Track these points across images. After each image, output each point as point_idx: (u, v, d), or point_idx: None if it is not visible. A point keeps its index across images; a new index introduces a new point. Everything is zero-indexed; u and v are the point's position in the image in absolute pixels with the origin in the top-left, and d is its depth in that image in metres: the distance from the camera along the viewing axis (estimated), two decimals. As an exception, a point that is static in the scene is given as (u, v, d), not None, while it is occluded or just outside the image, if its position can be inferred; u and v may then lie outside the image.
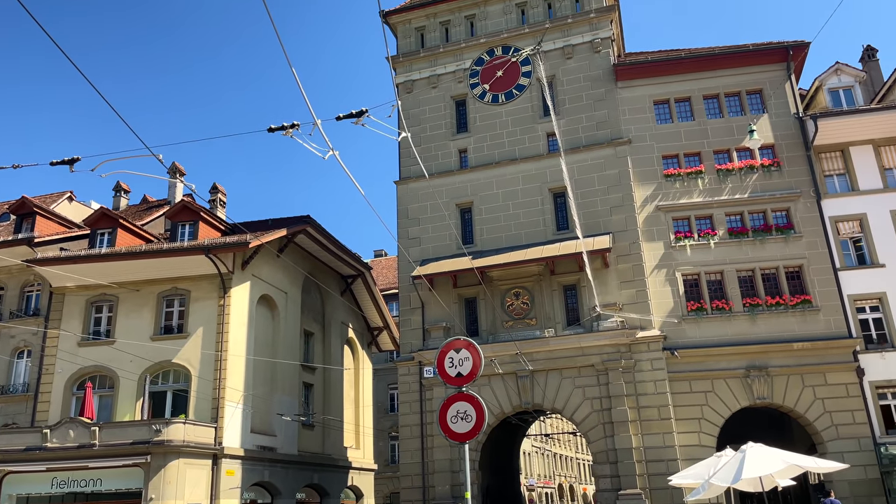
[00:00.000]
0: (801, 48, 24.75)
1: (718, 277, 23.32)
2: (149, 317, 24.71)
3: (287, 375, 26.98)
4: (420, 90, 27.98)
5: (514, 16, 27.78)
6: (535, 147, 25.90)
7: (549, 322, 23.62)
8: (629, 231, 23.86)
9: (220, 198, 32.97)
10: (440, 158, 26.85)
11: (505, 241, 25.01)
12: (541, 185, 25.31)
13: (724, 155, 24.57)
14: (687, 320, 22.81)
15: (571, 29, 26.72)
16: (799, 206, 23.39)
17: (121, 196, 35.06)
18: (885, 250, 22.60)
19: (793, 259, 22.93)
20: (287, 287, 28.01)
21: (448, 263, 24.53)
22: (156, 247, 25.03)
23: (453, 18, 28.50)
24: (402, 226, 26.53)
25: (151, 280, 24.89)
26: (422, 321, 25.07)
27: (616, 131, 25.18)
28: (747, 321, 22.53)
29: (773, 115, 24.53)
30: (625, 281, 23.41)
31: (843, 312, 22.11)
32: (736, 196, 23.83)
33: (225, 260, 24.25)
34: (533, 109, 26.37)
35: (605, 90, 25.74)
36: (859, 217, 23.12)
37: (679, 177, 24.35)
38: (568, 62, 26.52)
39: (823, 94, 25.18)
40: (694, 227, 23.83)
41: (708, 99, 25.33)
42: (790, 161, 23.92)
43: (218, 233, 27.14)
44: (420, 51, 28.30)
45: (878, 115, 23.42)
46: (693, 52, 26.01)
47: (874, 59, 27.49)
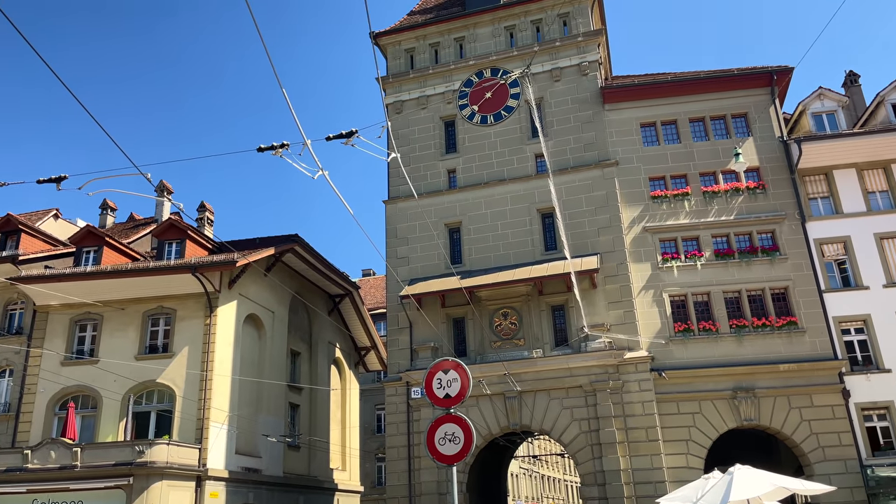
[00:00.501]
0: (785, 73, 25.18)
1: (705, 299, 23.44)
2: (134, 336, 24.46)
3: (273, 396, 26.73)
4: (409, 111, 28.14)
5: (503, 39, 28.09)
6: (523, 168, 26.06)
7: (538, 342, 23.61)
8: (617, 252, 23.98)
9: (208, 216, 32.83)
10: (429, 178, 26.94)
11: (493, 261, 25.06)
12: (529, 206, 25.44)
13: (710, 177, 24.83)
14: (674, 341, 22.88)
15: (559, 52, 27.04)
16: (784, 228, 23.63)
17: (107, 214, 34.82)
18: (869, 273, 22.83)
19: (778, 281, 23.11)
20: (274, 306, 27.86)
21: (436, 283, 24.52)
22: (142, 265, 24.84)
23: (442, 40, 28.77)
24: (390, 245, 26.52)
25: (137, 299, 24.67)
26: (410, 341, 24.98)
27: (603, 153, 25.41)
28: (734, 342, 22.63)
29: (757, 139, 24.86)
30: (612, 302, 23.48)
31: (829, 334, 22.27)
32: (722, 218, 24.04)
33: (212, 279, 24.10)
34: (521, 131, 26.58)
35: (593, 112, 26.01)
36: (843, 239, 23.38)
37: (666, 198, 24.56)
38: (556, 84, 26.80)
39: (807, 118, 25.57)
40: (681, 248, 23.99)
41: (694, 122, 25.65)
42: (775, 184, 24.20)
43: (205, 251, 27.00)
44: (410, 72, 28.51)
45: (861, 140, 23.79)
46: (679, 76, 26.38)
47: (856, 84, 28.00)
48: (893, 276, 22.76)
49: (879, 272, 22.79)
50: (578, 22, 27.28)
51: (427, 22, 28.95)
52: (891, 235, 23.23)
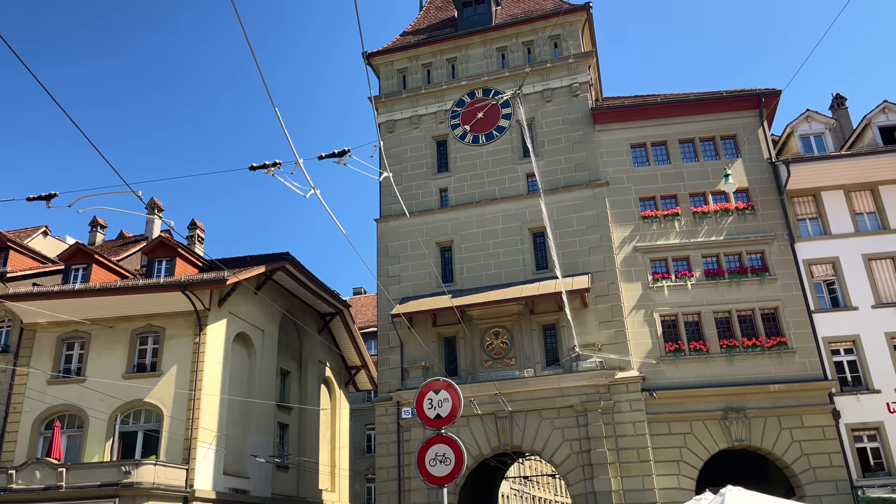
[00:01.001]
0: (773, 96, 25.50)
1: (696, 319, 23.50)
2: (121, 354, 24.23)
3: (262, 415, 26.49)
4: (402, 130, 28.27)
5: (495, 60, 28.34)
6: (514, 187, 26.18)
7: (529, 362, 23.55)
8: (607, 271, 24.04)
9: (199, 234, 32.73)
10: (421, 197, 27.00)
11: (485, 279, 25.06)
12: (520, 225, 25.51)
13: (699, 198, 25.00)
14: (665, 361, 22.88)
15: (550, 73, 27.29)
16: (773, 248, 23.78)
17: (97, 231, 34.67)
18: (858, 293, 22.97)
19: (768, 301, 23.21)
20: (264, 325, 27.70)
21: (427, 302, 24.47)
22: (131, 283, 24.70)
23: (435, 61, 29.00)
24: (381, 264, 26.49)
25: (126, 317, 24.48)
26: (400, 360, 24.87)
27: (594, 173, 25.56)
28: (724, 363, 22.65)
29: (746, 160, 25.10)
30: (603, 321, 23.50)
31: (818, 354, 22.34)
32: (712, 238, 24.18)
33: (201, 297, 23.97)
34: (513, 150, 26.73)
35: (584, 133, 26.21)
36: (832, 260, 23.55)
37: (656, 218, 24.70)
38: (547, 105, 27.01)
39: (795, 140, 25.85)
40: (671, 268, 24.09)
41: (683, 143, 25.88)
42: (764, 205, 24.40)
43: (195, 269, 26.87)
44: (402, 92, 28.67)
45: (848, 162, 24.07)
46: (668, 98, 26.65)
47: (843, 107, 28.38)
48: (882, 297, 22.91)
49: (868, 293, 22.93)
50: (569, 44, 27.58)
51: (420, 43, 29.19)
52: (879, 256, 23.42)
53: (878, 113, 25.31)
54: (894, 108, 25.28)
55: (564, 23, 27.65)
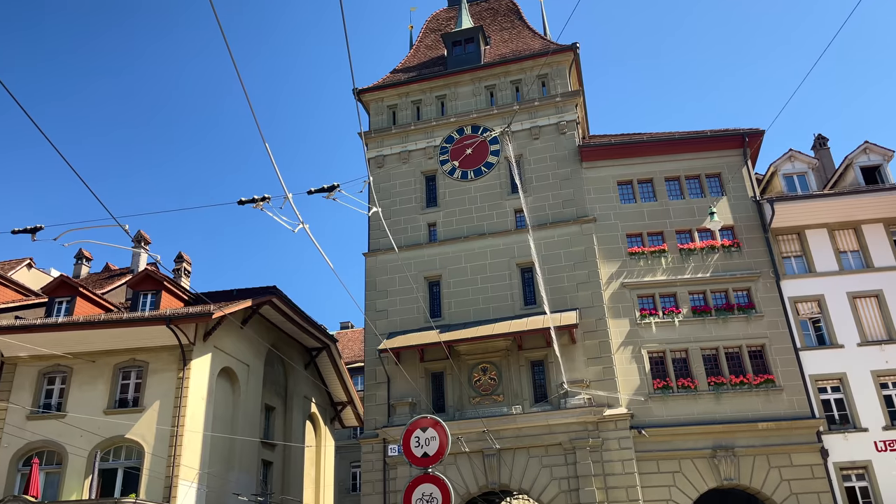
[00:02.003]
0: (757, 135, 25.96)
1: (683, 355, 23.50)
2: (103, 389, 23.80)
3: (245, 452, 26.01)
4: (391, 165, 28.46)
5: (484, 97, 28.73)
6: (503, 223, 26.31)
7: (517, 398, 23.38)
8: (595, 307, 24.07)
9: (185, 267, 32.52)
10: (409, 232, 27.06)
11: (473, 315, 24.99)
12: (509, 260, 25.57)
13: (686, 235, 25.22)
14: (653, 398, 22.79)
15: (538, 111, 27.68)
16: (759, 286, 23.94)
17: (82, 264, 34.37)
18: (844, 331, 23.10)
19: (755, 338, 23.27)
20: (249, 359, 27.38)
21: (415, 337, 24.33)
22: (115, 316, 24.40)
23: (424, 98, 29.35)
24: (369, 298, 26.39)
25: (109, 351, 24.11)
26: (387, 396, 24.61)
27: (581, 209, 25.77)
28: (713, 400, 22.60)
29: (731, 198, 25.42)
30: (591, 357, 23.44)
31: (806, 392, 22.35)
32: (698, 275, 24.33)
33: (186, 331, 23.70)
34: (501, 186, 26.93)
35: (571, 170, 26.48)
36: (817, 298, 23.72)
37: (643, 255, 24.85)
38: (535, 142, 27.33)
39: (779, 178, 26.24)
40: (658, 304, 24.16)
41: (669, 181, 26.20)
42: (749, 242, 24.63)
43: (181, 303, 26.63)
44: (392, 127, 28.94)
45: (831, 201, 24.42)
46: (654, 137, 27.05)
47: (825, 147, 28.89)
48: (867, 335, 23.05)
49: (853, 331, 23.07)
50: (556, 83, 28.04)
51: (410, 80, 29.58)
52: (863, 294, 23.62)
53: (860, 153, 25.80)
54: (875, 149, 25.79)
55: (552, 62, 28.15)
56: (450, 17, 33.87)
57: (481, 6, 34.01)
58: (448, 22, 33.57)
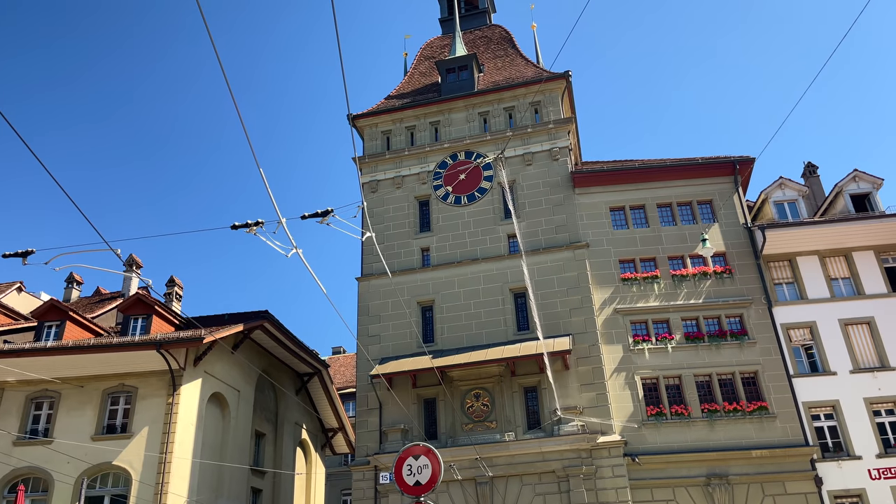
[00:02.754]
0: (747, 163, 26.21)
1: (677, 382, 23.43)
2: (91, 415, 23.49)
3: (234, 480, 25.64)
4: (385, 190, 28.54)
5: (477, 124, 28.96)
6: (496, 248, 26.35)
7: (510, 425, 23.20)
8: (589, 333, 24.03)
9: (177, 291, 32.34)
10: (402, 256, 27.06)
11: (466, 340, 24.90)
12: (502, 286, 25.56)
13: (678, 261, 25.30)
14: (647, 425, 22.66)
15: (531, 138, 27.90)
16: (751, 312, 23.98)
17: (73, 287, 34.14)
18: (836, 359, 23.10)
19: (748, 365, 23.25)
20: (240, 385, 27.12)
21: (408, 362, 24.20)
22: (105, 340, 24.16)
23: (418, 124, 29.56)
24: (362, 323, 26.28)
25: (98, 376, 23.84)
26: (379, 423, 24.39)
27: (574, 235, 25.85)
28: (706, 427, 22.49)
29: (723, 225, 25.56)
30: (585, 384, 23.33)
31: (799, 420, 22.27)
32: (691, 301, 24.36)
33: (177, 356, 23.49)
34: (494, 212, 27.03)
35: (564, 196, 26.63)
36: (809, 325, 23.76)
37: (636, 281, 24.90)
38: (528, 168, 27.50)
39: (769, 206, 26.44)
40: (651, 330, 24.14)
41: (661, 207, 26.35)
42: (741, 269, 24.73)
43: (172, 327, 26.43)
44: (386, 153, 29.09)
45: (822, 228, 24.59)
46: (646, 164, 27.26)
47: (815, 174, 29.17)
48: (859, 363, 23.06)
49: (846, 358, 23.08)
50: (549, 110, 28.31)
51: (404, 106, 29.81)
52: (855, 321, 23.68)
53: (849, 181, 26.05)
54: (864, 177, 26.05)
55: (545, 90, 28.44)
56: (444, 45, 34.26)
57: (475, 34, 34.45)
58: (442, 49, 33.95)
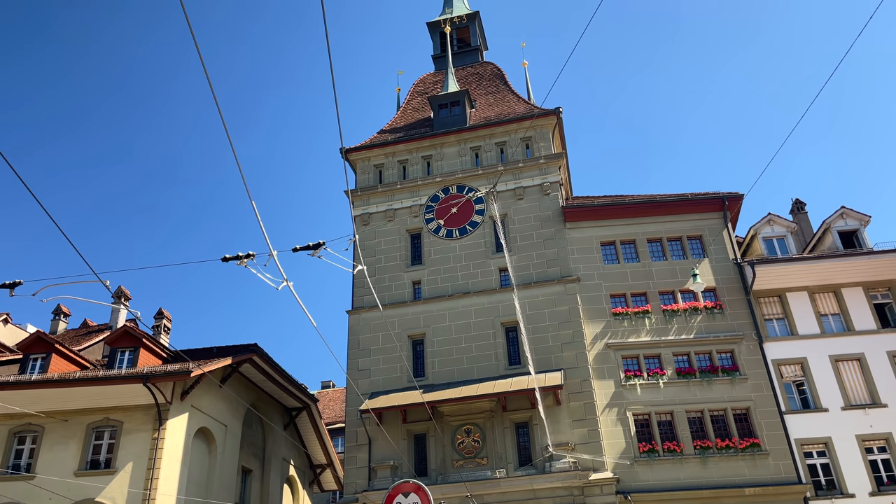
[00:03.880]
0: (736, 199, 26.46)
1: (669, 418, 23.27)
2: (75, 449, 23.01)
3: (220, 517, 25.05)
4: (377, 223, 28.59)
5: (469, 158, 29.19)
6: (487, 281, 26.34)
7: (501, 462, 22.91)
8: (580, 368, 23.91)
9: (165, 323, 32.06)
10: (394, 289, 26.98)
11: (457, 374, 24.71)
12: (493, 319, 25.48)
13: (669, 296, 25.34)
14: (639, 462, 22.42)
15: (522, 172, 28.13)
16: (742, 348, 23.96)
17: (59, 319, 33.78)
18: (828, 395, 23.03)
19: (740, 401, 23.14)
20: (227, 419, 26.70)
21: (398, 397, 23.95)
22: (91, 374, 23.80)
23: (411, 158, 29.77)
24: (352, 357, 26.06)
25: (82, 410, 23.42)
26: (368, 459, 24.02)
27: (566, 269, 25.90)
28: (699, 464, 22.27)
29: (713, 260, 25.69)
30: (577, 419, 23.13)
31: (792, 457, 22.10)
32: (682, 336, 24.33)
33: (164, 389, 23.15)
34: (486, 245, 27.08)
35: (555, 230, 26.74)
36: (800, 361, 23.73)
37: (627, 315, 24.88)
38: (519, 202, 27.66)
39: (758, 242, 26.62)
40: (643, 365, 24.05)
41: (652, 242, 26.48)
42: (732, 304, 24.78)
43: (159, 360, 26.11)
44: (378, 186, 29.22)
45: (811, 264, 24.74)
46: (636, 199, 27.47)
47: (803, 211, 29.47)
48: (851, 399, 23.00)
49: (837, 395, 23.02)
50: (540, 145, 28.60)
51: (397, 140, 30.06)
52: (845, 358, 23.68)
53: (837, 218, 26.31)
54: (852, 214, 26.32)
55: (536, 126, 28.78)
56: (436, 81, 34.71)
57: (467, 70, 34.94)
58: (435, 85, 34.38)
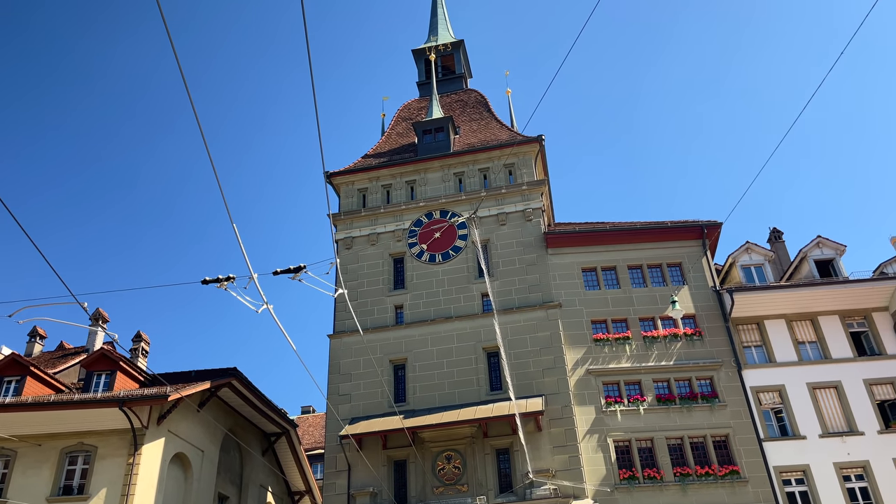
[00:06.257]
0: (715, 227, 26.85)
1: (649, 445, 23.28)
2: (48, 475, 22.51)
3: (195, 545, 24.55)
4: (359, 247, 28.60)
5: (452, 184, 29.40)
6: (469, 306, 26.37)
7: (482, 488, 22.74)
8: (561, 394, 23.92)
9: (143, 346, 31.65)
10: (376, 314, 26.92)
11: (438, 400, 24.60)
12: (475, 344, 25.47)
13: (649, 322, 25.53)
14: (619, 489, 22.36)
15: (505, 198, 28.36)
16: (721, 375, 24.13)
17: (35, 342, 33.22)
18: (805, 423, 23.20)
19: (719, 428, 23.23)
20: (205, 445, 26.30)
21: (378, 423, 23.76)
22: (65, 397, 23.40)
23: (395, 182, 29.92)
24: (332, 381, 25.87)
25: (56, 434, 22.98)
26: (347, 486, 23.73)
27: (547, 295, 26.02)
28: (679, 492, 22.26)
29: (692, 287, 25.96)
30: (557, 446, 23.07)
31: (771, 484, 22.16)
32: (662, 363, 24.47)
33: (140, 414, 22.79)
34: (468, 270, 27.17)
35: (537, 256, 26.92)
36: (778, 388, 23.92)
37: (608, 342, 25.00)
38: (502, 228, 27.85)
39: (737, 270, 26.98)
40: (623, 392, 24.11)
41: (632, 269, 26.73)
42: (711, 331, 24.99)
43: (136, 384, 25.73)
44: (361, 210, 29.29)
45: (788, 292, 25.08)
46: (617, 226, 27.78)
47: (780, 240, 29.96)
48: (828, 427, 23.18)
49: (815, 422, 23.19)
50: (523, 172, 28.90)
51: (380, 165, 30.22)
52: (823, 385, 23.92)
53: (813, 247, 26.77)
54: (828, 243, 26.81)
55: (518, 152, 29.10)
56: (421, 107, 35.04)
57: (451, 97, 35.33)
58: (419, 111, 34.70)
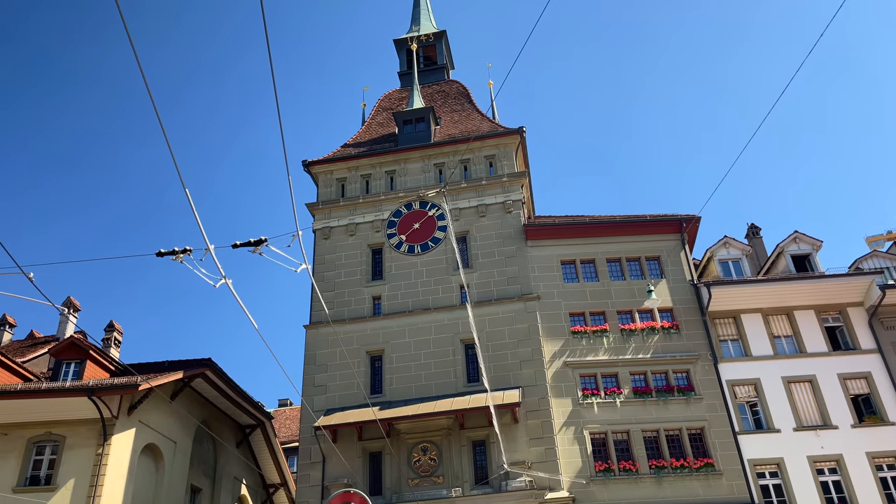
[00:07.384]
0: (693, 221, 26.89)
1: (625, 437, 23.27)
2: (14, 465, 21.99)
3: (166, 537, 24.15)
4: (337, 237, 28.28)
5: (433, 174, 29.16)
6: (448, 298, 26.18)
7: (457, 480, 22.59)
8: (538, 386, 23.82)
9: (116, 336, 31.08)
10: (353, 304, 26.64)
11: (415, 391, 24.40)
12: (453, 336, 25.29)
13: (627, 315, 25.50)
14: (595, 481, 22.33)
15: (485, 190, 28.18)
16: (698, 368, 24.18)
17: (4, 330, 32.52)
18: (780, 416, 23.32)
19: (695, 421, 23.28)
20: (177, 436, 25.88)
21: (354, 414, 23.52)
22: (33, 386, 22.88)
23: (374, 172, 29.62)
24: (308, 372, 25.57)
25: (24, 423, 22.46)
26: (322, 477, 23.47)
27: (526, 287, 25.90)
28: (654, 484, 22.27)
29: (670, 281, 25.98)
30: (534, 438, 22.99)
31: (745, 477, 22.23)
32: (639, 356, 24.46)
33: (110, 403, 22.33)
34: (447, 262, 26.97)
35: (516, 248, 26.78)
36: (754, 382, 24.02)
37: (585, 334, 24.94)
38: (481, 220, 27.67)
39: (715, 264, 27.05)
40: (600, 384, 24.08)
41: (611, 262, 26.70)
42: (688, 325, 25.03)
43: (107, 374, 25.24)
44: (340, 200, 28.96)
45: (764, 287, 25.19)
46: (596, 219, 27.73)
47: (758, 235, 30.10)
48: (803, 421, 23.32)
49: (789, 416, 23.32)
50: (503, 164, 28.74)
51: (360, 154, 29.90)
52: (797, 380, 24.05)
53: (790, 242, 26.90)
54: (805, 239, 26.95)
55: (499, 144, 28.94)
56: (402, 97, 34.74)
57: (433, 88, 35.07)
58: (400, 102, 34.41)
